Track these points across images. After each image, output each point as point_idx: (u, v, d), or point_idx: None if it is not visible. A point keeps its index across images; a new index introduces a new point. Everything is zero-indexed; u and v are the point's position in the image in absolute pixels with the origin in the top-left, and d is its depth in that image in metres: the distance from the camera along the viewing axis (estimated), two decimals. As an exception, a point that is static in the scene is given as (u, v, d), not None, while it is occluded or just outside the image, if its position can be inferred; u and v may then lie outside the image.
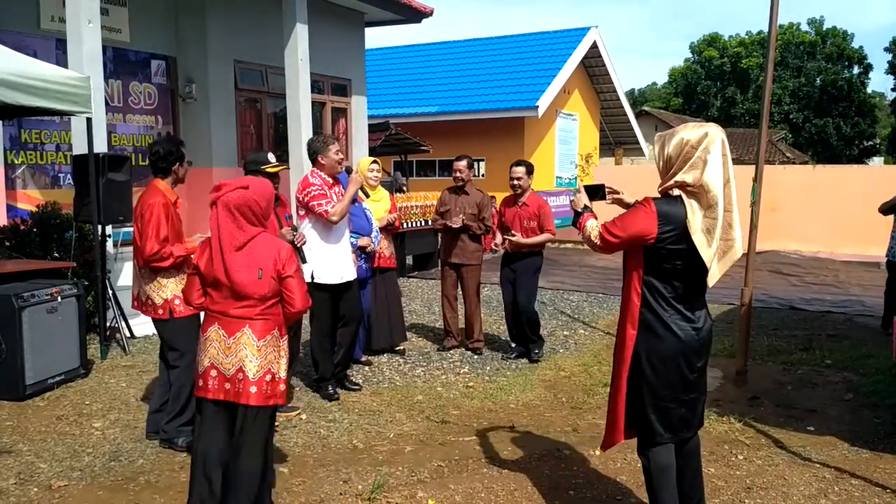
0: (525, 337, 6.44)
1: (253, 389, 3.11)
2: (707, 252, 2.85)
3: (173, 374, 4.35)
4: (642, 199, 2.98)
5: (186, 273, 3.91)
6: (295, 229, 4.71)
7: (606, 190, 3.32)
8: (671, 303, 2.95)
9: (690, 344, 2.96)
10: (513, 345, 6.62)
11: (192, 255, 3.84)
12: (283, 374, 3.24)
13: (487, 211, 6.63)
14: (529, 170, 6.45)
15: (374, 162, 6.50)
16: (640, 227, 2.89)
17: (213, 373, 3.15)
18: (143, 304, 4.39)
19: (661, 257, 2.92)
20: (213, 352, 3.16)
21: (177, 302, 4.27)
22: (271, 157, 4.87)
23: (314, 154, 5.19)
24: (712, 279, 2.92)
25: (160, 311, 4.30)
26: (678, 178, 2.91)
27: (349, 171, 5.51)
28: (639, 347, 2.99)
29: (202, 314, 3.77)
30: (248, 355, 3.13)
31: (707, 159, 2.85)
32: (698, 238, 2.85)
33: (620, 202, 3.38)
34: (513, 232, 6.25)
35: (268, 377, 3.15)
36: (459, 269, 6.67)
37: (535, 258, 6.40)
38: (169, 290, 4.29)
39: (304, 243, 4.79)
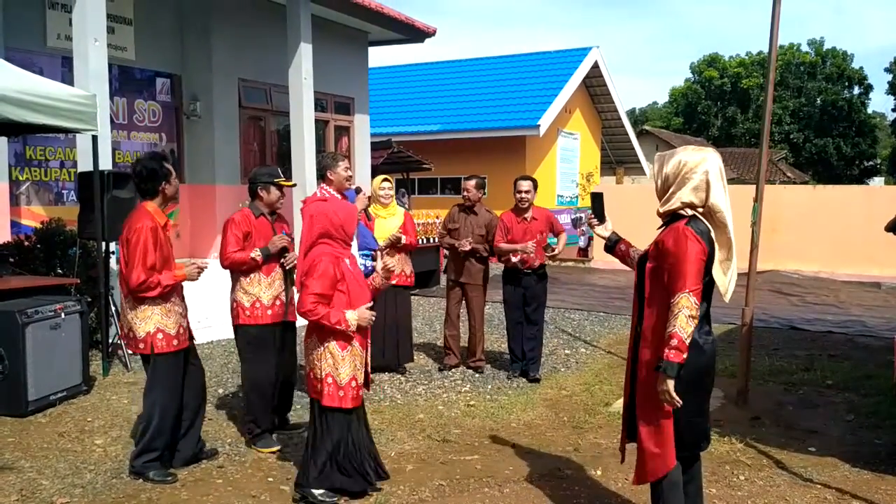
0: (525, 355, 6.43)
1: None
2: (723, 265, 2.99)
3: (144, 406, 4.17)
4: (679, 230, 2.91)
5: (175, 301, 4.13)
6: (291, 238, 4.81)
7: (586, 216, 3.37)
8: (700, 319, 2.95)
9: (712, 356, 3.06)
10: (513, 365, 6.54)
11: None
12: (318, 375, 3.72)
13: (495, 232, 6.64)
14: (535, 185, 6.60)
15: (386, 180, 6.55)
16: (700, 260, 2.86)
17: None
18: (125, 335, 4.14)
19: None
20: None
21: (159, 336, 4.00)
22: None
23: (323, 169, 5.21)
24: (728, 294, 3.02)
25: (140, 346, 4.03)
26: (684, 198, 2.95)
27: (359, 190, 5.58)
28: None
29: (183, 351, 4.17)
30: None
31: (710, 181, 2.93)
32: (720, 254, 2.97)
33: (592, 226, 3.46)
34: (553, 248, 6.48)
35: (311, 374, 3.77)
36: (464, 288, 6.69)
37: (546, 277, 6.56)
38: (153, 322, 4.00)
39: (292, 264, 4.76)
